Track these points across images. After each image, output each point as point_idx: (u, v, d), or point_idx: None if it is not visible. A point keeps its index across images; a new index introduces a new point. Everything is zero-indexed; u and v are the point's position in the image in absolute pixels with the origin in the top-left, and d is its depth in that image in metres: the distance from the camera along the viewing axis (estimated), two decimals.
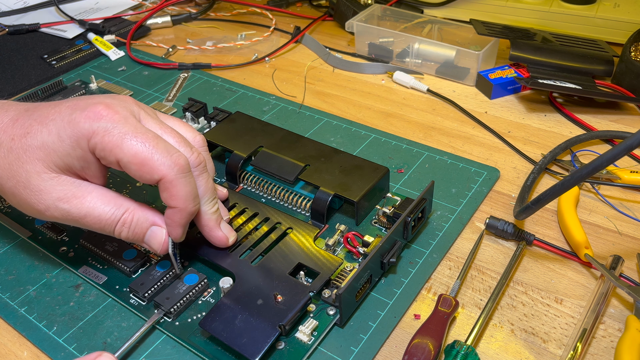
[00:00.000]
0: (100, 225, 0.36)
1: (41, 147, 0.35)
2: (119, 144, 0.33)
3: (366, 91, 0.63)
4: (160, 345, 0.36)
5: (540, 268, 0.41)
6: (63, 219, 0.36)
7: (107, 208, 0.36)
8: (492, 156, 0.52)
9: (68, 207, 0.35)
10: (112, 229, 0.36)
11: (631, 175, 0.47)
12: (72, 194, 0.35)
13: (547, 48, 0.61)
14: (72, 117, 0.34)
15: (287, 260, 0.39)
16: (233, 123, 0.52)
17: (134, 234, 0.37)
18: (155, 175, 0.34)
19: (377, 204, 0.45)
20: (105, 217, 0.35)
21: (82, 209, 0.35)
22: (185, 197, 0.35)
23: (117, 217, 0.36)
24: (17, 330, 0.38)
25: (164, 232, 0.37)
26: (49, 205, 0.35)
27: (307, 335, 0.35)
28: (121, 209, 0.36)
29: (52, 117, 0.35)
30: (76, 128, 0.34)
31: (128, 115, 0.35)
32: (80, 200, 0.35)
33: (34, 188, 0.35)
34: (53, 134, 0.34)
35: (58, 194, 0.35)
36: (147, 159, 0.33)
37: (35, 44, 0.76)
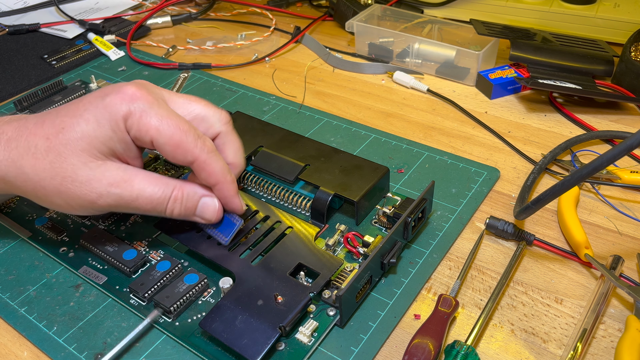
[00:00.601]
0: (153, 205, 0.37)
1: (82, 137, 0.35)
2: (156, 125, 0.35)
3: (366, 91, 0.63)
4: (160, 345, 0.36)
5: (540, 268, 0.41)
6: (115, 205, 0.36)
7: (157, 188, 0.37)
8: (492, 156, 0.52)
9: (120, 192, 0.36)
10: (164, 207, 0.37)
11: (631, 175, 0.47)
12: (120, 178, 0.36)
13: (547, 48, 0.61)
14: (105, 101, 0.35)
15: (287, 260, 0.39)
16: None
17: (186, 209, 0.38)
18: (189, 157, 0.36)
19: (377, 203, 0.45)
20: (156, 196, 0.36)
21: (133, 192, 0.36)
22: (221, 171, 0.38)
23: (168, 194, 0.37)
24: (17, 330, 0.38)
25: (216, 201, 0.39)
26: (102, 192, 0.35)
27: (308, 336, 0.35)
28: (169, 186, 0.37)
29: (85, 108, 0.36)
30: (113, 110, 0.35)
31: (159, 96, 0.37)
32: (129, 183, 0.36)
33: (82, 179, 0.35)
34: (91, 122, 0.35)
35: (108, 180, 0.36)
36: (182, 142, 0.36)
37: (35, 44, 0.76)
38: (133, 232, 0.44)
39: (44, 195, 0.37)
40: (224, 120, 0.40)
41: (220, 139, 0.40)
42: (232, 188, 0.39)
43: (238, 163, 0.41)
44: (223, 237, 0.40)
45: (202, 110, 0.39)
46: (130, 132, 0.36)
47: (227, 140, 0.40)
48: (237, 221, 0.41)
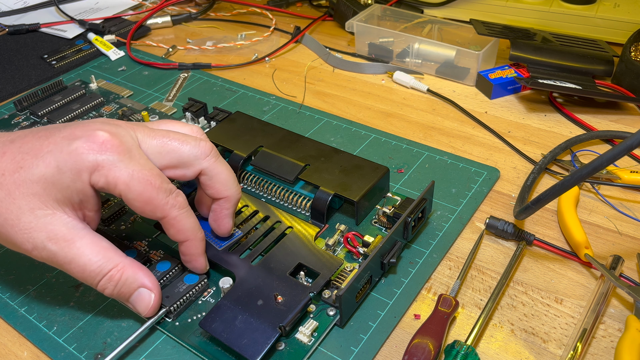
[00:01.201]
0: (84, 276, 0.34)
1: (38, 181, 0.32)
2: (126, 181, 0.33)
3: (366, 91, 0.63)
4: (160, 345, 0.36)
5: (540, 268, 0.41)
6: (49, 261, 0.34)
7: (95, 259, 0.33)
8: (492, 156, 0.52)
9: (56, 249, 0.33)
10: (95, 282, 0.34)
11: (631, 175, 0.47)
12: (62, 235, 0.33)
13: (547, 48, 0.61)
14: (72, 147, 0.33)
15: (287, 260, 0.39)
16: (233, 123, 0.52)
17: (119, 293, 0.35)
18: (159, 214, 0.34)
19: (377, 203, 0.45)
20: (90, 268, 0.33)
21: (69, 254, 0.33)
22: (191, 228, 0.36)
23: (104, 271, 0.34)
24: (17, 330, 0.38)
25: (152, 296, 0.36)
26: (37, 244, 0.33)
27: (307, 336, 0.35)
28: (110, 263, 0.34)
29: (48, 149, 0.33)
30: (78, 159, 0.33)
31: (131, 144, 0.34)
32: (69, 244, 0.33)
33: (23, 226, 0.32)
34: (51, 167, 0.32)
35: (48, 234, 0.33)
36: (152, 199, 0.34)
37: (35, 44, 0.76)
38: (133, 232, 0.44)
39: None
40: (205, 155, 0.37)
41: (206, 175, 0.37)
42: (200, 246, 0.37)
43: (231, 194, 0.38)
44: (219, 243, 0.40)
45: (178, 150, 0.36)
46: (97, 185, 0.33)
47: (213, 175, 0.37)
48: (236, 232, 0.41)
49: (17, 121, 0.59)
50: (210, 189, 0.38)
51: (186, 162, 0.36)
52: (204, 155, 0.37)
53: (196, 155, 0.36)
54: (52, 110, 0.59)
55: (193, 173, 0.37)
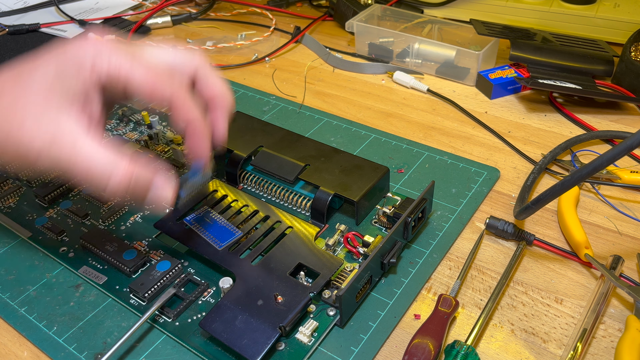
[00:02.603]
0: (99, 170, 0.32)
1: (41, 82, 0.32)
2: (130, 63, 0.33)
3: (366, 91, 0.63)
4: (160, 345, 0.36)
5: (540, 268, 0.41)
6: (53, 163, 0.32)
7: (104, 155, 0.32)
8: (492, 156, 0.52)
9: (61, 149, 0.32)
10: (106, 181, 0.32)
11: (631, 175, 0.47)
12: (69, 130, 0.32)
13: (547, 48, 0.61)
14: (67, 47, 0.33)
15: (287, 260, 0.39)
16: (233, 123, 0.51)
17: (135, 190, 0.33)
18: (167, 92, 0.34)
19: (377, 203, 0.45)
20: (103, 162, 0.32)
21: (80, 150, 0.32)
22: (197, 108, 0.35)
23: (119, 164, 0.32)
24: (17, 330, 0.38)
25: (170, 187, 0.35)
26: (44, 144, 0.31)
27: (308, 336, 0.35)
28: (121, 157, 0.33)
29: (46, 56, 0.33)
30: (79, 53, 0.32)
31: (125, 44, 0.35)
32: (79, 139, 0.32)
33: (28, 127, 0.31)
34: (52, 65, 0.32)
35: (54, 134, 0.31)
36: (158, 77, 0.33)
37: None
38: (133, 232, 0.44)
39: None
40: (197, 59, 0.37)
41: (198, 75, 0.37)
42: (205, 130, 0.36)
43: (224, 93, 0.38)
44: (219, 242, 0.40)
45: (173, 54, 0.37)
46: (101, 76, 0.33)
47: (204, 74, 0.37)
48: (236, 232, 0.41)
49: None
50: (205, 89, 0.38)
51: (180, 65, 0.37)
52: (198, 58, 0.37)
53: (191, 58, 0.37)
54: None
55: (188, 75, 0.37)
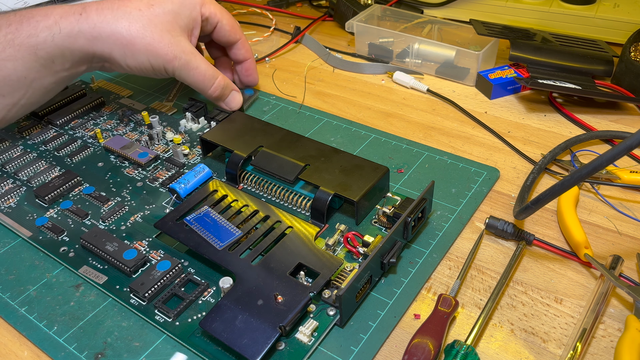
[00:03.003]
0: (204, 79, 0.51)
1: (169, 12, 0.48)
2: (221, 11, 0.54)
3: (366, 91, 0.63)
4: (160, 345, 0.36)
5: (540, 268, 0.41)
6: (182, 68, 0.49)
7: (210, 69, 0.51)
8: (492, 156, 0.52)
9: (188, 59, 0.49)
10: (210, 84, 0.52)
11: (631, 175, 0.47)
12: (189, 49, 0.50)
13: (547, 48, 0.61)
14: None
15: (287, 260, 0.39)
16: (233, 123, 0.52)
17: (223, 93, 0.54)
18: (239, 35, 0.57)
19: (377, 203, 0.45)
20: (209, 73, 0.51)
21: (194, 62, 0.50)
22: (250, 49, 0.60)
23: (216, 76, 0.52)
24: (17, 330, 0.38)
25: (241, 96, 0.56)
26: (177, 54, 0.48)
27: (308, 336, 0.35)
28: (217, 72, 0.52)
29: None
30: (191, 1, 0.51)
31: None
32: (195, 56, 0.50)
33: (166, 42, 0.48)
34: (176, 3, 0.49)
35: (183, 48, 0.49)
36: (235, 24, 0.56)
37: None
38: (133, 232, 0.44)
39: (132, 51, 0.47)
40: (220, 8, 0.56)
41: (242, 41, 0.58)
42: (255, 64, 0.60)
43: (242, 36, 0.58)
44: (218, 242, 0.40)
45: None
46: (203, 15, 0.52)
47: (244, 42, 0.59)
48: (236, 232, 0.41)
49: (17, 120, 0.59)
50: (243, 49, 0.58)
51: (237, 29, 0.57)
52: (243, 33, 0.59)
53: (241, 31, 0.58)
54: (53, 110, 0.59)
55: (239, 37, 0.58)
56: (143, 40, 0.47)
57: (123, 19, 0.46)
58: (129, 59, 0.48)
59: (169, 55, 0.48)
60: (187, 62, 0.49)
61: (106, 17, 0.46)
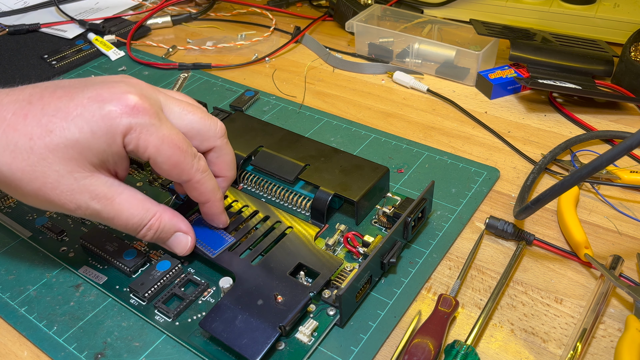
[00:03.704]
0: (127, 228, 0.36)
1: (74, 146, 0.33)
2: (156, 145, 0.34)
3: (366, 91, 0.63)
4: (160, 345, 0.36)
5: (540, 268, 0.41)
6: (90, 217, 0.36)
7: (136, 212, 0.36)
8: (492, 156, 0.52)
9: (99, 208, 0.35)
10: (137, 232, 0.37)
11: (631, 175, 0.47)
12: (103, 194, 0.35)
13: (547, 48, 0.61)
14: (104, 111, 0.33)
15: (287, 260, 0.39)
16: (233, 123, 0.52)
17: (158, 239, 0.38)
18: (185, 177, 0.37)
19: (377, 203, 0.45)
20: (132, 221, 0.36)
21: (111, 211, 0.35)
22: (212, 190, 0.38)
23: (145, 221, 0.36)
24: (17, 330, 0.38)
25: (189, 239, 0.39)
26: (81, 205, 0.34)
27: (307, 336, 0.35)
28: (149, 213, 0.37)
29: (77, 112, 0.33)
30: (113, 123, 0.33)
31: (158, 107, 0.36)
32: (110, 201, 0.35)
33: (65, 188, 0.34)
34: (85, 131, 0.33)
35: (90, 194, 0.34)
36: (180, 162, 0.35)
37: (35, 44, 0.76)
38: None
39: (18, 193, 0.35)
40: (220, 134, 0.39)
41: (215, 153, 0.39)
42: (219, 206, 0.40)
43: (230, 175, 0.41)
44: (211, 250, 0.40)
45: (199, 123, 0.38)
46: (127, 147, 0.34)
47: (221, 154, 0.40)
48: (229, 238, 0.41)
49: None
50: (215, 166, 0.40)
51: (203, 136, 0.38)
52: (220, 134, 0.39)
53: (215, 133, 0.38)
54: None
55: (205, 148, 0.39)
56: (30, 185, 0.33)
57: (5, 152, 0.33)
58: (19, 197, 0.35)
59: (69, 205, 0.34)
60: (98, 212, 0.35)
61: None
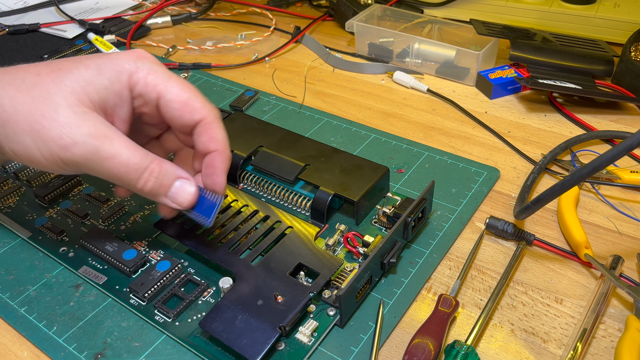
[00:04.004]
0: (126, 170, 0.34)
1: (77, 80, 0.33)
2: (164, 81, 0.35)
3: (366, 91, 0.63)
4: (160, 345, 0.36)
5: (540, 268, 0.41)
6: (87, 159, 0.33)
7: (136, 154, 0.34)
8: (492, 156, 0.52)
9: (98, 144, 0.33)
10: (137, 175, 0.34)
11: (631, 175, 0.47)
12: (102, 132, 0.33)
13: (547, 48, 0.61)
14: (112, 56, 0.35)
15: (287, 260, 0.39)
16: (233, 123, 0.52)
17: (160, 186, 0.35)
18: (197, 115, 0.35)
19: (377, 203, 0.45)
20: (133, 162, 0.34)
21: (111, 149, 0.33)
22: (224, 139, 0.36)
23: (145, 164, 0.34)
24: (17, 330, 0.38)
25: (193, 186, 0.36)
26: (78, 140, 0.32)
27: (307, 336, 0.35)
28: (148, 157, 0.35)
29: (89, 58, 0.35)
30: (119, 62, 0.34)
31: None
32: (109, 139, 0.33)
33: (62, 120, 0.32)
34: (92, 68, 0.34)
35: (89, 129, 0.32)
36: (191, 99, 0.35)
37: (35, 44, 0.76)
38: (133, 232, 0.44)
39: (13, 132, 0.33)
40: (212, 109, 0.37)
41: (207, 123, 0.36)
42: (226, 161, 0.37)
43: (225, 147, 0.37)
44: (205, 218, 0.37)
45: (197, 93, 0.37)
46: (134, 88, 0.34)
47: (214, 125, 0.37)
48: (217, 200, 0.38)
49: None
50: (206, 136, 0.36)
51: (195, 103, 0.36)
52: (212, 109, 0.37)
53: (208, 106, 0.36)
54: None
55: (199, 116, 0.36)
56: (29, 117, 0.32)
57: (11, 86, 0.33)
58: (12, 142, 0.33)
59: (64, 140, 0.32)
60: (96, 149, 0.33)
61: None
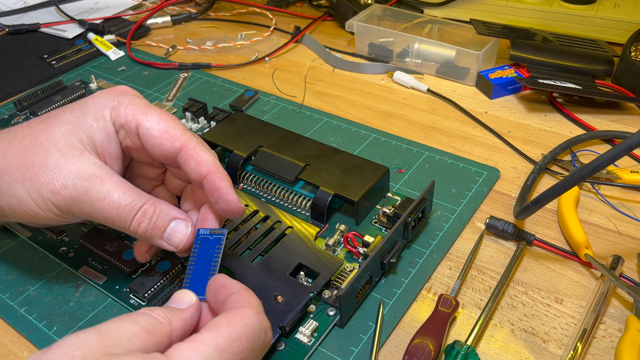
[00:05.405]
0: (117, 212, 0.33)
1: (64, 124, 0.34)
2: (143, 111, 0.34)
3: (366, 91, 0.63)
4: None
5: (540, 268, 0.41)
6: (78, 200, 0.33)
7: (128, 194, 0.33)
8: (492, 156, 0.52)
9: (87, 186, 0.33)
10: (130, 217, 0.34)
11: (631, 175, 0.47)
12: (92, 173, 0.33)
13: (547, 48, 0.61)
14: (95, 95, 0.36)
15: (287, 260, 0.39)
16: (233, 123, 0.52)
17: (154, 227, 0.34)
18: (177, 143, 0.34)
19: (377, 203, 0.45)
20: (124, 202, 0.33)
21: (101, 190, 0.33)
22: (212, 159, 0.35)
23: (137, 205, 0.34)
24: (17, 330, 0.38)
25: (189, 227, 0.35)
26: (67, 182, 0.33)
27: (307, 336, 0.35)
28: (142, 198, 0.34)
29: (75, 102, 0.36)
30: (101, 99, 0.35)
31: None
32: (100, 180, 0.33)
33: (52, 165, 0.33)
34: (76, 110, 0.35)
35: (78, 171, 0.33)
36: (170, 127, 0.34)
37: (35, 44, 0.76)
38: None
39: (7, 184, 0.34)
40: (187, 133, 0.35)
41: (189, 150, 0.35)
42: (225, 177, 0.34)
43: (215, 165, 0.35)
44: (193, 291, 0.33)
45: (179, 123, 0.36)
46: (117, 121, 0.34)
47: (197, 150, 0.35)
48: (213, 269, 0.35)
49: (17, 121, 0.59)
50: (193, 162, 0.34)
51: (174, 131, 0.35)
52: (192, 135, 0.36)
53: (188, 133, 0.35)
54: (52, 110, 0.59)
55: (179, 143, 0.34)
56: (20, 167, 0.33)
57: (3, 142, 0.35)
58: (7, 196, 0.34)
59: (53, 184, 0.32)
60: (85, 190, 0.33)
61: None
